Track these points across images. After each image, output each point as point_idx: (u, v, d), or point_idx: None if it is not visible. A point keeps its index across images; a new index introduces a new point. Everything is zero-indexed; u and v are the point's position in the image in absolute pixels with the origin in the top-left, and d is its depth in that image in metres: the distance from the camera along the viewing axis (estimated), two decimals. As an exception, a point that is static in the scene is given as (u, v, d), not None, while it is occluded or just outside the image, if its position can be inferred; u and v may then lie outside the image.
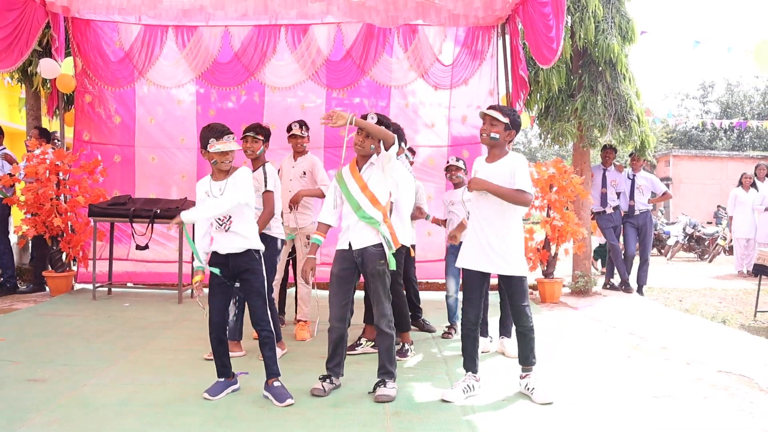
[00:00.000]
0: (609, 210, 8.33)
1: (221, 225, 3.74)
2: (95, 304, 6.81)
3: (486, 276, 3.89)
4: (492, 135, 3.77)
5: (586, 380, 4.20)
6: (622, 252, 8.51)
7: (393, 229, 3.91)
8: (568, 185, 7.21)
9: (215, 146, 3.64)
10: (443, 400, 3.72)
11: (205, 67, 8.08)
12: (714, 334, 5.82)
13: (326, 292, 4.02)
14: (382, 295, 3.81)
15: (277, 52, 8.13)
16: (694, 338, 5.59)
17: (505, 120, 3.76)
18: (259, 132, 4.85)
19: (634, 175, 8.40)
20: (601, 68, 7.56)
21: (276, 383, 3.72)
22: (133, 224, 6.97)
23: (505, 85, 7.99)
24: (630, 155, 8.56)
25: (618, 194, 8.37)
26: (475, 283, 3.86)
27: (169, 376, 4.14)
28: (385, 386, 3.78)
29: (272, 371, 3.75)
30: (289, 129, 5.48)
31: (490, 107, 3.86)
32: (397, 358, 4.08)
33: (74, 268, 7.82)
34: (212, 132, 3.69)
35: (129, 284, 7.86)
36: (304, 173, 5.42)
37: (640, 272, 8.33)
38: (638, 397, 3.85)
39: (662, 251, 15.43)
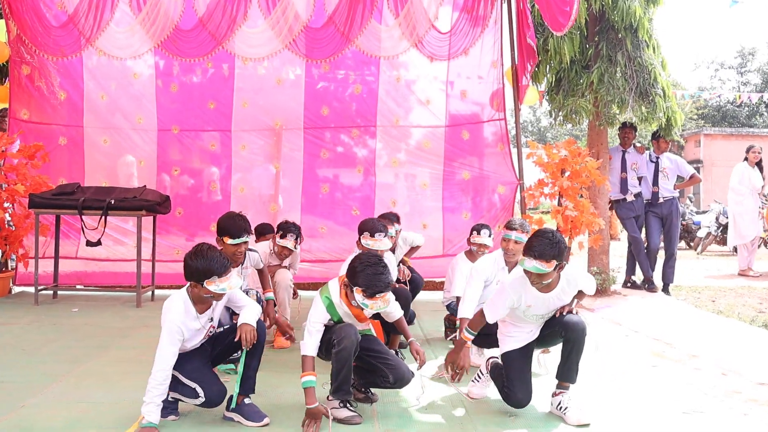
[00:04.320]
0: (629, 197, 8.33)
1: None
2: (37, 309, 6.75)
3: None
4: (544, 283, 3.65)
5: (605, 393, 4.20)
6: (645, 245, 8.52)
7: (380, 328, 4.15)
8: (583, 169, 7.18)
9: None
10: None
11: (164, 35, 7.95)
12: (753, 340, 5.83)
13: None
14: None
15: (249, 18, 8.02)
16: (729, 345, 5.60)
17: (550, 267, 3.53)
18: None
19: (657, 158, 8.39)
20: (620, 35, 7.53)
21: (247, 400, 3.69)
22: (83, 217, 6.90)
23: (511, 55, 7.96)
24: (653, 135, 8.55)
25: (639, 179, 8.36)
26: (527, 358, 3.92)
27: (126, 393, 4.07)
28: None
29: (248, 387, 3.73)
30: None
31: (529, 261, 3.53)
32: None
33: (12, 267, 7.75)
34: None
35: (78, 286, 7.80)
36: None
37: (665, 268, 8.35)
38: (665, 412, 3.84)
39: (691, 244, 15.51)
